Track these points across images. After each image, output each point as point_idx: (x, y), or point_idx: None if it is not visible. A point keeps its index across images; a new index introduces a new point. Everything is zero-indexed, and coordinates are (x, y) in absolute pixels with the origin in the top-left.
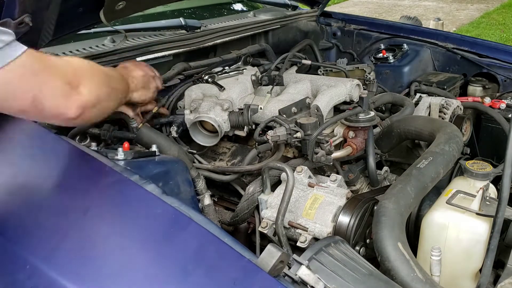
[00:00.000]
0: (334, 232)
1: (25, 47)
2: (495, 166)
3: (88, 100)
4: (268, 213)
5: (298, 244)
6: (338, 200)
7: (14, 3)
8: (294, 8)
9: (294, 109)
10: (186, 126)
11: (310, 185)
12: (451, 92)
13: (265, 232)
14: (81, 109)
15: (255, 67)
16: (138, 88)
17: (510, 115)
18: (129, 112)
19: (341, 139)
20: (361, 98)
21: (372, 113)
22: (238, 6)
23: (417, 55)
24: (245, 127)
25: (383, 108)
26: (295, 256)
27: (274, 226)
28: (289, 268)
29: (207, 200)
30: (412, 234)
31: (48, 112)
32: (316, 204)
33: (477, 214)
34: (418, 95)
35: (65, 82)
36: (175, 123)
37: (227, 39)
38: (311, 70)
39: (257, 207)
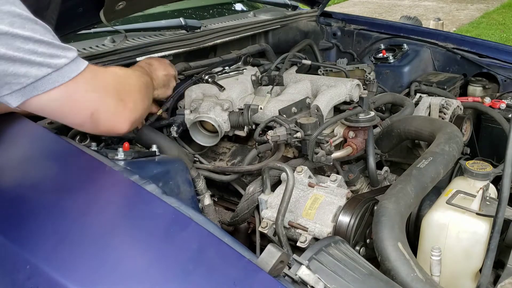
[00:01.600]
0: (334, 232)
1: (86, 62)
2: (495, 166)
3: (136, 115)
4: (268, 213)
5: (298, 244)
6: (338, 200)
7: None
8: (294, 8)
9: (294, 109)
10: (186, 126)
11: (310, 185)
12: (451, 92)
13: (265, 232)
14: (130, 124)
15: (255, 67)
16: (159, 86)
17: (510, 115)
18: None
19: (341, 139)
20: (361, 98)
21: (372, 113)
22: (238, 6)
23: (417, 55)
24: (245, 127)
25: (383, 108)
26: (295, 256)
27: (274, 226)
28: (289, 268)
29: (207, 200)
30: (412, 234)
31: (102, 127)
32: (316, 204)
33: (477, 214)
34: (418, 95)
35: (118, 99)
36: (175, 123)
37: (227, 39)
38: (311, 70)
39: (257, 207)
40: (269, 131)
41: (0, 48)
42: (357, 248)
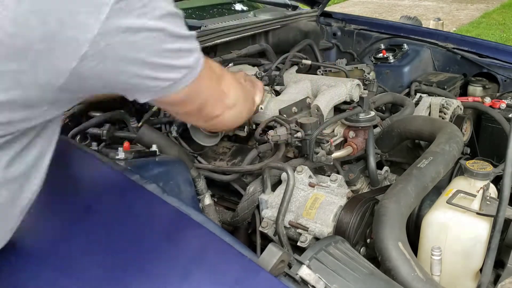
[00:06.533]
0: (334, 232)
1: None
2: (495, 166)
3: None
4: (269, 213)
5: (299, 243)
6: (339, 200)
7: None
8: (294, 8)
9: (294, 109)
10: (187, 126)
11: (311, 185)
12: (451, 92)
13: (266, 231)
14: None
15: (255, 67)
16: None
17: (510, 115)
18: None
19: (342, 139)
20: (361, 98)
21: (373, 113)
22: (238, 6)
23: (417, 55)
24: (246, 127)
25: (383, 108)
26: (296, 255)
27: (274, 225)
28: (290, 267)
29: (207, 200)
30: (413, 234)
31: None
32: (316, 203)
33: (478, 213)
34: (418, 95)
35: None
36: (176, 123)
37: (227, 39)
38: (311, 70)
39: (257, 207)
40: (269, 131)
41: (145, 55)
42: (358, 247)
